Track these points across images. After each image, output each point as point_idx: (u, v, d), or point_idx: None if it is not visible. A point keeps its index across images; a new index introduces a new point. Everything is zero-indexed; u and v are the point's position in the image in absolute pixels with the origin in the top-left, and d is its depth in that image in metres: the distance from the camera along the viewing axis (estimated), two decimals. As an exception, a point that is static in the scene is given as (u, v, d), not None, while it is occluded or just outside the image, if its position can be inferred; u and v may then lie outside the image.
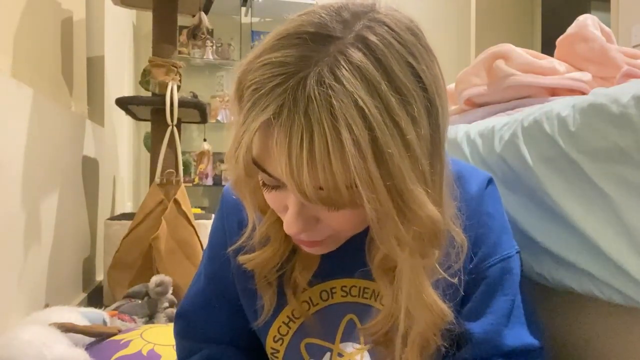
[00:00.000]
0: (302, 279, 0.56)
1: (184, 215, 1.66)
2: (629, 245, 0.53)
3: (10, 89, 1.14)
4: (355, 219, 0.44)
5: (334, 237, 0.48)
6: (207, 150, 3.17)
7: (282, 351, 0.59)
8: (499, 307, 0.54)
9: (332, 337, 0.58)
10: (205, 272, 0.64)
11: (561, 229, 0.62)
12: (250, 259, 0.54)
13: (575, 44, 0.98)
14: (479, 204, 0.56)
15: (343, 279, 0.57)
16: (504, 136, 0.71)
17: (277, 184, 0.44)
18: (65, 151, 1.58)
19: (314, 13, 0.42)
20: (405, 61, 0.39)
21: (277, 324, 0.59)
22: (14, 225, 1.15)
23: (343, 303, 0.57)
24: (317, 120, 0.36)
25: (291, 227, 0.44)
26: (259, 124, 0.39)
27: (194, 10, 1.98)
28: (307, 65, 0.38)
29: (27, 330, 0.92)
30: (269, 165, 0.41)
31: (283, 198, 0.44)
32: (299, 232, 0.44)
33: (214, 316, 0.63)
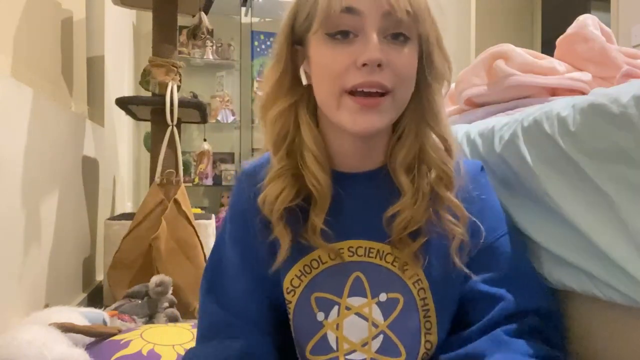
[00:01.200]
0: (317, 220, 0.60)
1: (184, 215, 1.66)
2: (629, 245, 0.53)
3: (10, 89, 1.14)
4: (411, 61, 0.57)
5: (387, 103, 0.56)
6: (207, 150, 3.17)
7: (293, 302, 0.63)
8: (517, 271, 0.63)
9: (340, 292, 0.62)
10: (229, 239, 0.67)
11: (561, 229, 0.62)
12: (264, 197, 0.61)
13: (575, 44, 0.98)
14: (480, 175, 0.66)
15: (349, 240, 0.63)
16: (504, 136, 0.71)
17: (354, 30, 0.55)
18: (65, 151, 1.58)
19: None
20: None
21: (289, 277, 0.63)
22: (14, 225, 1.15)
23: (350, 262, 0.63)
24: None
25: (374, 52, 0.53)
26: None
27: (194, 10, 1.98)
28: None
29: (27, 330, 0.92)
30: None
31: (354, 50, 0.55)
32: (379, 57, 0.53)
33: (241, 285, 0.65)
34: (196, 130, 3.30)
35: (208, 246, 1.79)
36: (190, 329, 1.13)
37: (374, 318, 0.62)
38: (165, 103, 1.67)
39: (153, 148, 1.76)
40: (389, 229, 0.61)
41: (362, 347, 0.62)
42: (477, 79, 1.01)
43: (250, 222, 0.64)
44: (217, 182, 3.26)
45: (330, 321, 0.62)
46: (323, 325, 0.62)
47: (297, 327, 0.64)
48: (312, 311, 0.63)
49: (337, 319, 0.62)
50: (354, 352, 0.62)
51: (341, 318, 0.62)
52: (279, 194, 0.60)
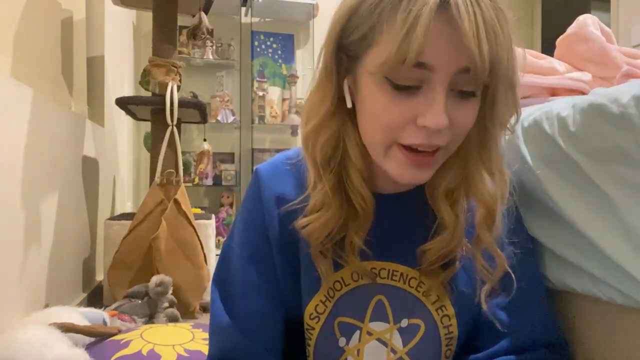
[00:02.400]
0: (357, 239, 0.57)
1: (184, 215, 1.66)
2: (629, 245, 0.53)
3: (10, 89, 1.14)
4: (473, 114, 0.51)
5: (439, 157, 0.53)
6: (207, 150, 3.17)
7: (317, 329, 0.61)
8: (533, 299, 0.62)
9: (362, 316, 0.60)
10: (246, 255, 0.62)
11: (561, 229, 0.62)
12: (305, 223, 0.56)
13: (575, 44, 0.98)
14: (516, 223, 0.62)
15: (373, 261, 0.60)
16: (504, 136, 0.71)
17: (417, 83, 0.48)
18: (65, 151, 1.58)
19: None
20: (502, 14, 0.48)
21: (314, 302, 0.60)
22: (14, 225, 1.15)
23: (372, 284, 0.60)
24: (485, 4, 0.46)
25: (440, 117, 0.47)
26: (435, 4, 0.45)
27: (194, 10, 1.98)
28: None
29: (27, 330, 0.92)
30: (429, 50, 0.46)
31: (415, 104, 0.49)
32: (445, 123, 0.48)
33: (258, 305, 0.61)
34: (196, 130, 3.29)
35: (208, 246, 1.79)
36: (190, 329, 1.13)
37: (393, 344, 0.60)
38: (165, 103, 1.67)
39: (153, 148, 1.76)
40: (421, 257, 0.59)
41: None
42: (477, 79, 1.01)
43: (269, 242, 0.61)
44: (217, 182, 3.26)
45: (351, 347, 0.61)
46: (344, 351, 0.61)
47: (318, 352, 0.62)
48: (334, 337, 0.61)
49: (359, 344, 0.60)
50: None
51: (362, 344, 0.60)
52: (326, 222, 0.56)
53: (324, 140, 0.55)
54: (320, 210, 0.56)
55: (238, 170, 3.34)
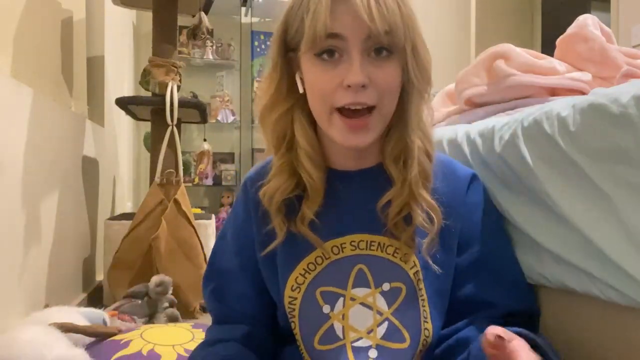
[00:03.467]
0: (308, 212, 0.65)
1: (184, 215, 1.66)
2: (629, 245, 0.53)
3: (10, 89, 1.14)
4: (394, 74, 0.60)
5: (374, 120, 0.61)
6: (207, 150, 3.18)
7: (299, 298, 0.66)
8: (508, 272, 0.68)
9: (344, 284, 0.65)
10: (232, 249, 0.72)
11: (561, 229, 0.62)
12: (265, 191, 0.66)
13: (575, 44, 0.98)
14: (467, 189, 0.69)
15: (351, 235, 0.66)
16: (504, 136, 0.71)
17: (338, 50, 0.59)
18: (65, 151, 1.58)
19: None
20: None
21: (294, 275, 0.66)
22: (14, 225, 1.15)
23: (353, 255, 0.66)
24: None
25: (357, 76, 0.57)
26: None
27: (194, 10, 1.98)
28: None
29: (27, 330, 0.92)
30: (339, 23, 0.57)
31: (339, 71, 0.59)
32: (363, 80, 0.57)
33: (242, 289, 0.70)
34: (196, 130, 3.30)
35: (208, 246, 1.79)
36: (190, 329, 1.13)
37: (378, 306, 0.64)
38: (165, 103, 1.67)
39: (153, 148, 1.76)
40: (384, 217, 0.65)
41: (368, 335, 0.64)
42: (477, 79, 1.01)
43: (253, 230, 0.69)
44: (217, 182, 3.26)
45: (336, 312, 0.65)
46: (329, 317, 0.65)
47: (303, 321, 0.66)
48: (317, 304, 0.65)
49: (343, 309, 0.65)
50: (360, 339, 0.64)
51: (346, 309, 0.65)
52: (279, 187, 0.65)
53: (273, 122, 0.66)
54: (273, 180, 0.66)
55: (238, 170, 3.34)
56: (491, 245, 0.68)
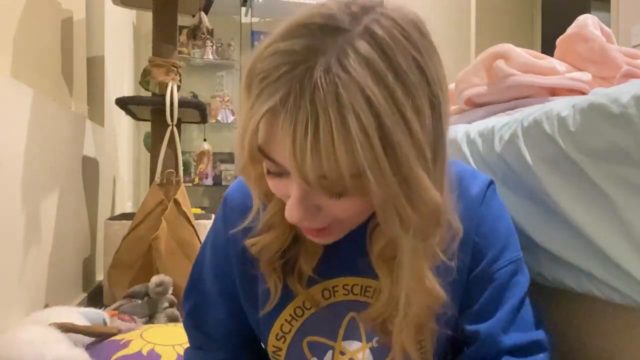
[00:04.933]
0: (306, 267, 0.56)
1: (184, 215, 1.66)
2: (629, 245, 0.53)
3: (10, 89, 1.14)
4: (356, 208, 0.45)
5: (337, 226, 0.48)
6: (207, 150, 3.17)
7: (284, 349, 0.59)
8: (507, 308, 0.55)
9: (334, 335, 0.58)
10: (211, 272, 0.64)
11: (561, 229, 0.62)
12: (255, 242, 0.55)
13: (575, 44, 0.98)
14: (481, 205, 0.56)
15: (344, 277, 0.58)
16: (504, 136, 0.71)
17: (281, 171, 0.44)
18: (65, 151, 1.58)
19: (324, 5, 0.43)
20: (410, 55, 0.40)
21: (279, 322, 0.59)
22: (14, 225, 1.15)
23: (345, 301, 0.58)
24: (323, 107, 0.37)
25: (292, 215, 0.44)
26: (265, 110, 0.40)
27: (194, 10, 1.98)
28: (314, 54, 0.39)
29: (27, 330, 0.92)
30: (274, 152, 0.42)
31: (286, 185, 0.45)
32: (300, 220, 0.45)
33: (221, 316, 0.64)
34: (196, 130, 3.29)
35: (208, 246, 1.78)
36: (190, 329, 1.13)
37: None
38: (165, 103, 1.67)
39: (153, 148, 1.76)
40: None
41: None
42: (477, 79, 1.01)
43: (230, 261, 0.61)
44: (217, 182, 3.26)
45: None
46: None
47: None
48: (304, 357, 0.59)
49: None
50: None
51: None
52: (271, 243, 0.54)
53: (257, 177, 0.51)
54: (269, 231, 0.54)
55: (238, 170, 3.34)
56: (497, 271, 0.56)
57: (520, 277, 0.57)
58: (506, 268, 0.56)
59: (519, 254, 0.58)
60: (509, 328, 0.55)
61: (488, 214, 0.57)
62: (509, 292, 0.56)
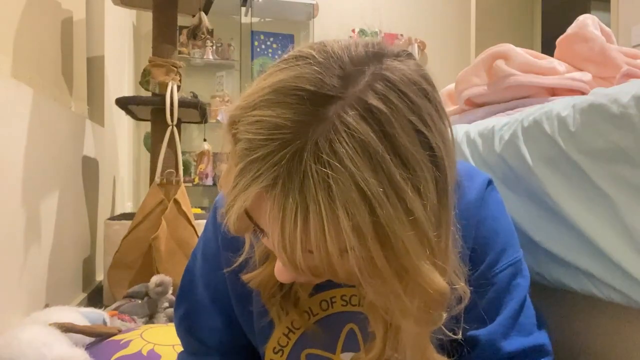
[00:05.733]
0: (303, 292, 0.55)
1: (184, 215, 1.66)
2: (629, 245, 0.53)
3: (10, 89, 1.14)
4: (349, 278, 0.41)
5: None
6: (207, 150, 3.17)
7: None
8: (507, 312, 0.54)
9: (333, 347, 0.57)
10: (201, 280, 0.63)
11: (561, 229, 0.62)
12: (253, 277, 0.53)
13: (575, 44, 0.98)
14: (480, 208, 0.55)
15: (343, 288, 0.56)
16: (504, 136, 0.71)
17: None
18: (65, 151, 1.58)
19: (313, 61, 0.38)
20: (410, 124, 0.36)
21: (276, 335, 0.58)
22: (14, 225, 1.15)
23: (343, 312, 0.57)
24: (313, 199, 0.34)
25: (280, 276, 0.43)
26: (252, 193, 0.36)
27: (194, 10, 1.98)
28: (303, 132, 0.35)
29: (27, 330, 0.92)
30: (263, 224, 0.39)
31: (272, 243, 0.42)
32: (287, 281, 0.43)
33: (213, 323, 0.63)
34: (196, 130, 3.29)
35: (208, 246, 1.78)
36: (190, 329, 1.13)
37: None
38: (165, 103, 1.67)
39: (153, 148, 1.76)
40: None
41: None
42: (477, 79, 1.01)
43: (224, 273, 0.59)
44: (217, 182, 3.26)
45: None
46: None
47: None
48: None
49: None
50: None
51: None
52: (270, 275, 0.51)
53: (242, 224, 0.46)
54: (264, 263, 0.52)
55: (238, 170, 3.34)
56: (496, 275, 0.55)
57: (520, 279, 0.56)
58: (505, 271, 0.54)
59: (518, 255, 0.56)
60: (509, 333, 0.54)
61: (487, 217, 0.55)
62: (509, 295, 0.54)
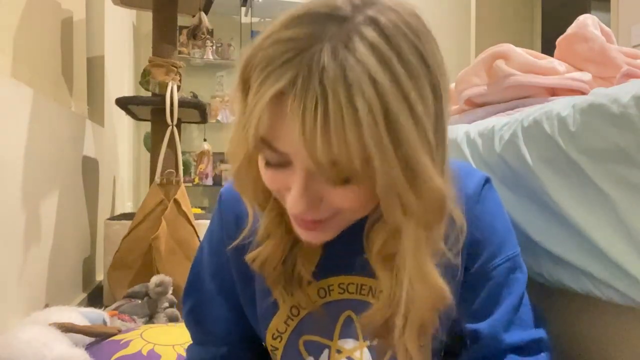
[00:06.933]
0: (305, 272, 0.55)
1: (184, 215, 1.66)
2: (629, 245, 0.53)
3: (10, 89, 1.14)
4: (359, 198, 0.44)
5: (335, 221, 0.48)
6: (207, 150, 3.17)
7: (280, 348, 0.60)
8: (506, 305, 0.56)
9: (331, 333, 0.58)
10: (208, 270, 0.65)
11: (561, 229, 0.62)
12: (255, 256, 0.55)
13: (575, 44, 0.98)
14: (477, 204, 0.56)
15: (340, 276, 0.58)
16: (504, 136, 0.71)
17: (282, 162, 0.44)
18: (65, 151, 1.58)
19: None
20: (412, 43, 0.41)
21: (275, 322, 0.59)
22: (14, 225, 1.15)
23: (341, 300, 0.58)
24: (332, 89, 0.38)
25: (296, 205, 0.44)
26: (272, 93, 0.39)
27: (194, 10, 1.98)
28: (320, 40, 0.39)
29: (27, 330, 0.92)
30: (279, 139, 0.42)
31: (286, 178, 0.44)
32: (304, 210, 0.44)
33: (221, 313, 0.64)
34: (196, 130, 3.30)
35: (208, 246, 1.78)
36: (190, 329, 1.13)
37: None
38: (165, 103, 1.67)
39: (153, 148, 1.76)
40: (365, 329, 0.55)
41: None
42: (477, 79, 1.01)
43: (229, 259, 0.61)
44: (217, 182, 3.26)
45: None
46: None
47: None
48: (300, 357, 0.59)
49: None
50: None
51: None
52: (273, 253, 0.54)
53: (252, 181, 0.51)
54: (266, 241, 0.54)
55: (238, 170, 3.34)
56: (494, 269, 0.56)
57: (518, 274, 0.57)
58: (503, 265, 0.56)
59: (516, 250, 0.57)
60: (509, 326, 0.56)
61: (484, 213, 0.56)
62: (507, 289, 0.56)
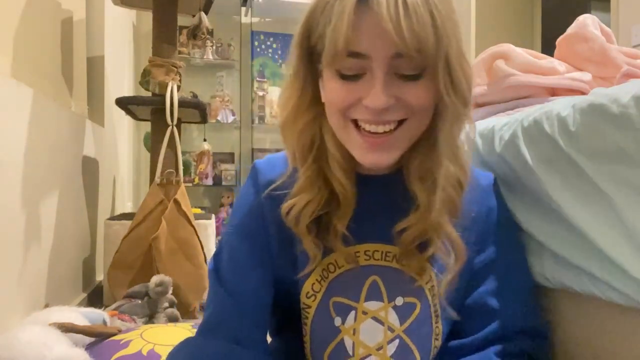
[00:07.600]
0: (340, 226, 0.60)
1: (184, 215, 1.66)
2: (629, 245, 0.53)
3: (10, 89, 1.14)
4: (426, 94, 0.54)
5: (400, 132, 0.55)
6: (207, 150, 3.17)
7: (313, 307, 0.63)
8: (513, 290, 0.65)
9: (357, 296, 0.62)
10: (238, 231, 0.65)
11: (561, 229, 0.62)
12: (292, 204, 0.60)
13: (575, 44, 0.98)
14: (491, 196, 0.67)
15: (366, 243, 0.63)
16: (504, 136, 0.71)
17: (359, 71, 0.53)
18: (65, 151, 1.58)
19: None
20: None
21: (310, 281, 0.63)
22: (14, 225, 1.15)
23: (367, 266, 0.62)
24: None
25: (379, 98, 0.52)
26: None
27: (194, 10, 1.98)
28: None
29: (27, 330, 0.92)
30: (361, 42, 0.51)
31: (361, 87, 0.53)
32: (384, 103, 0.52)
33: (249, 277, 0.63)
34: (196, 130, 3.29)
35: (208, 246, 1.79)
36: (190, 329, 1.13)
37: (390, 322, 0.62)
38: (165, 103, 1.67)
39: (153, 148, 1.76)
40: (397, 240, 0.61)
41: (378, 351, 0.62)
42: (478, 79, 1.01)
43: (265, 221, 0.64)
44: (217, 182, 3.26)
45: (347, 326, 0.62)
46: (340, 331, 0.62)
47: (315, 332, 0.64)
48: (329, 316, 0.62)
49: (354, 324, 0.62)
50: (369, 356, 0.62)
51: (358, 323, 0.62)
52: (308, 203, 0.59)
53: (298, 132, 0.60)
54: (302, 194, 0.60)
55: (238, 170, 3.34)
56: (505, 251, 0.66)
57: (524, 263, 0.67)
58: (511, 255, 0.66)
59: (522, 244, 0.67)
60: (517, 310, 0.63)
61: (498, 206, 0.67)
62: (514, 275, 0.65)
